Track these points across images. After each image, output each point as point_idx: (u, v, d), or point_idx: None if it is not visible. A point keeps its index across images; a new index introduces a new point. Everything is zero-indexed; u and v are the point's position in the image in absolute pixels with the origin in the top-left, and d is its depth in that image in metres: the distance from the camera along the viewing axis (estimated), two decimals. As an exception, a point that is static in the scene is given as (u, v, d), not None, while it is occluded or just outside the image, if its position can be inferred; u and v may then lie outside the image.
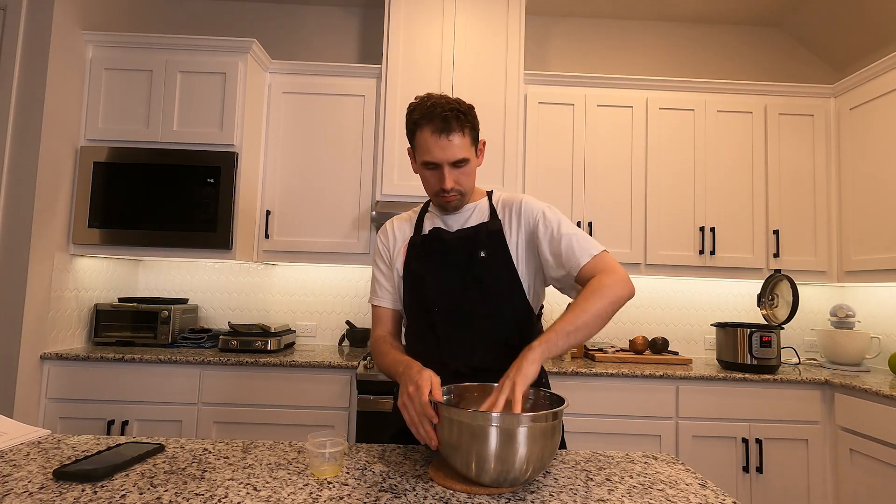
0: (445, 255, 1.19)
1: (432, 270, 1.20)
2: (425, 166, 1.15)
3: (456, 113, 1.10)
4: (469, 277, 1.17)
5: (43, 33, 2.17)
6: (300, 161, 2.61)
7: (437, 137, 1.10)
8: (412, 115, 1.15)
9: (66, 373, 2.17)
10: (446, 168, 1.12)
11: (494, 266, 1.17)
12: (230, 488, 0.84)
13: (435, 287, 1.18)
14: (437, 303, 1.18)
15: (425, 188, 1.19)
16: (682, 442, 2.21)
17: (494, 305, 1.17)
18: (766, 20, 3.04)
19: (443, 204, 1.19)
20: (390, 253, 1.27)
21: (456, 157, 1.11)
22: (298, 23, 3.03)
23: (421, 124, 1.12)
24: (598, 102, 2.64)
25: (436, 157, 1.11)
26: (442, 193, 1.15)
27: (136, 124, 2.40)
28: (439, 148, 1.10)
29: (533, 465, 0.82)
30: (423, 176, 1.17)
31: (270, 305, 2.84)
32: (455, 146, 1.11)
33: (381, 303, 1.27)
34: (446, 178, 1.12)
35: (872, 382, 2.11)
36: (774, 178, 2.63)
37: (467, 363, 1.14)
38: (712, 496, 0.87)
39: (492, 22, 2.60)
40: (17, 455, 0.97)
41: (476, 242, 1.18)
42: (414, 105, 1.16)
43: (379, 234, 1.32)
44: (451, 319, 1.17)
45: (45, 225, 2.19)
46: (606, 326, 2.84)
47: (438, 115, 1.10)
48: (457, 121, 1.10)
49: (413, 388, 0.93)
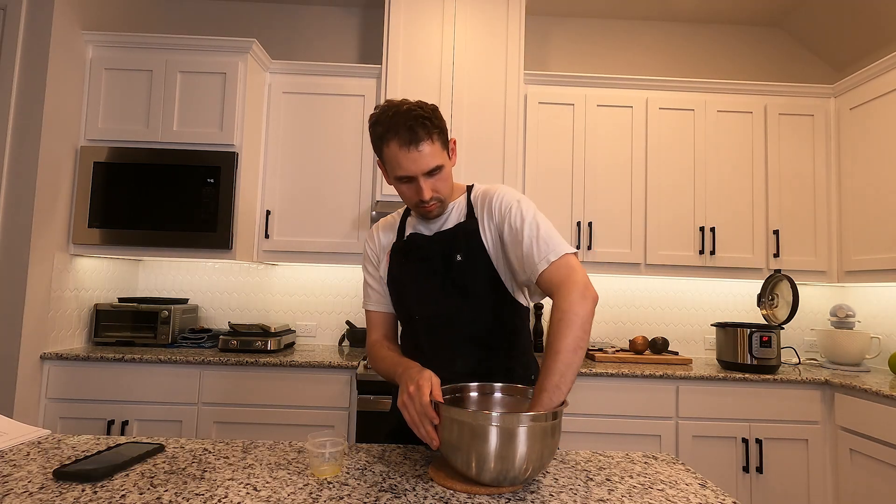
0: (424, 261, 1.16)
1: (413, 278, 1.17)
2: (399, 181, 1.10)
3: (421, 120, 1.04)
4: (448, 283, 1.14)
5: (43, 33, 2.17)
6: (300, 161, 2.61)
7: (406, 150, 1.04)
8: (375, 128, 1.08)
9: (66, 373, 2.17)
10: (421, 179, 1.07)
11: (472, 269, 1.13)
12: (230, 488, 0.84)
13: (416, 295, 1.17)
14: (418, 311, 1.16)
15: (404, 200, 1.15)
16: (682, 442, 2.21)
17: (477, 310, 1.14)
18: (766, 20, 3.04)
19: (424, 214, 1.15)
20: (377, 257, 1.26)
21: (429, 167, 1.06)
22: (298, 23, 3.03)
23: (386, 138, 1.06)
24: (598, 102, 2.64)
25: (408, 171, 1.06)
26: (421, 204, 1.11)
27: (136, 124, 2.40)
28: (410, 161, 1.05)
29: (533, 464, 0.83)
30: (398, 190, 1.12)
31: (270, 305, 2.84)
32: (426, 155, 1.05)
33: (373, 307, 1.26)
34: (423, 189, 1.08)
35: (872, 382, 2.11)
36: (774, 178, 2.63)
37: (452, 370, 1.08)
38: (712, 496, 0.87)
39: (492, 22, 2.60)
40: (17, 455, 0.97)
41: (453, 245, 1.14)
42: (375, 117, 1.09)
43: (366, 240, 1.30)
44: (434, 327, 1.15)
45: (45, 225, 2.19)
46: (606, 326, 2.86)
47: (403, 126, 1.03)
48: (423, 128, 1.04)
49: (413, 387, 0.92)
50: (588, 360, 2.48)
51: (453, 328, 1.15)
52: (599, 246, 2.57)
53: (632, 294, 2.89)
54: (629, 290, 2.89)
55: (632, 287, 2.89)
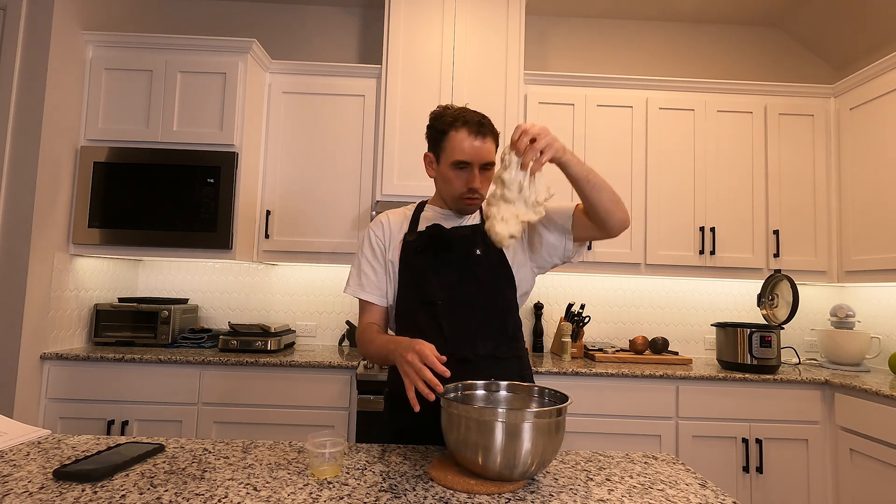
0: (444, 251, 1.23)
1: (432, 265, 1.22)
2: (456, 166, 1.18)
3: (487, 121, 1.18)
4: (466, 273, 1.22)
5: (43, 33, 2.17)
6: (300, 161, 2.61)
7: (473, 138, 1.15)
8: (443, 117, 1.19)
9: (66, 373, 2.17)
10: (477, 169, 1.17)
11: (489, 263, 1.22)
12: (230, 488, 0.84)
13: (437, 281, 1.21)
14: (440, 296, 1.21)
15: (447, 191, 1.22)
16: (682, 442, 2.21)
17: (490, 297, 1.23)
18: (766, 20, 3.04)
19: (464, 207, 1.22)
20: (385, 244, 1.28)
21: (487, 160, 1.17)
22: (298, 23, 3.03)
23: (456, 125, 1.16)
24: (598, 102, 2.64)
25: (470, 157, 1.15)
26: (468, 195, 1.19)
27: (136, 124, 2.40)
28: (475, 148, 1.15)
29: (537, 459, 0.85)
30: (448, 177, 1.20)
31: (270, 305, 2.84)
32: (487, 149, 1.17)
33: (370, 298, 1.28)
34: (476, 178, 1.17)
35: (872, 382, 2.11)
36: (774, 178, 2.63)
37: (473, 351, 1.18)
38: (712, 496, 0.87)
39: (492, 22, 2.60)
40: (17, 455, 0.97)
41: (472, 241, 1.23)
42: (440, 109, 1.21)
43: (372, 226, 1.31)
44: (455, 312, 1.21)
45: (45, 225, 2.19)
46: (606, 326, 2.86)
47: (474, 118, 1.16)
48: (489, 126, 1.18)
49: (412, 355, 0.95)
50: (588, 360, 2.48)
51: (472, 313, 1.21)
52: (599, 246, 2.57)
53: (632, 294, 2.89)
54: (629, 290, 2.89)
55: (632, 287, 2.89)
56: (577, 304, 2.81)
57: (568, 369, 2.23)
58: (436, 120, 1.21)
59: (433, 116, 1.22)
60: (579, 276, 2.87)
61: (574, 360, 2.51)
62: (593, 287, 2.88)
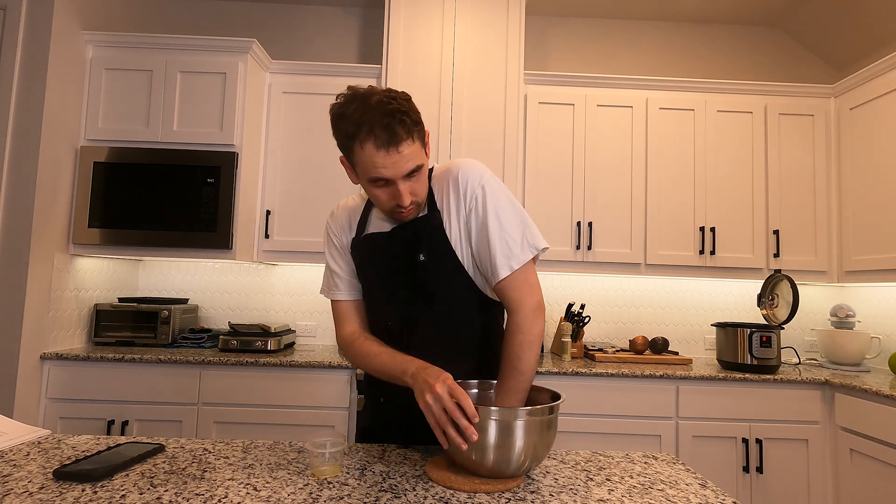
0: (386, 262, 1.06)
1: (378, 280, 1.09)
2: (373, 183, 0.96)
3: (399, 116, 0.90)
4: (414, 286, 1.04)
5: (43, 33, 2.17)
6: (300, 161, 2.61)
7: (384, 152, 0.91)
8: (342, 125, 0.93)
9: (66, 373, 2.17)
10: (400, 182, 0.95)
11: (437, 269, 1.03)
12: (230, 488, 0.84)
13: (385, 299, 1.08)
14: (391, 316, 1.08)
15: (376, 204, 1.02)
16: (682, 442, 2.21)
17: (445, 312, 1.05)
18: (766, 20, 3.04)
19: (400, 219, 1.03)
20: (341, 238, 1.14)
21: (409, 169, 0.94)
22: (298, 23, 3.03)
23: (359, 138, 0.91)
24: (598, 102, 2.64)
25: (387, 174, 0.93)
26: (398, 209, 0.99)
27: (136, 124, 2.40)
28: (389, 164, 0.92)
29: (530, 456, 0.87)
30: (370, 193, 0.99)
31: (270, 305, 2.84)
32: (406, 157, 0.92)
33: (340, 296, 1.14)
34: (402, 194, 0.95)
35: (872, 382, 2.11)
36: (774, 178, 2.63)
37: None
38: (712, 496, 0.87)
39: (492, 22, 2.60)
40: (17, 455, 0.97)
41: (415, 243, 1.03)
42: (339, 110, 0.94)
43: (329, 222, 1.16)
44: (413, 335, 1.06)
45: (45, 225, 2.19)
46: (606, 326, 2.86)
47: (379, 124, 0.89)
48: (402, 126, 0.90)
49: (441, 386, 0.85)
50: (588, 360, 2.48)
51: (423, 334, 1.06)
52: (599, 246, 2.57)
53: (632, 294, 2.89)
54: (629, 290, 2.89)
55: (632, 287, 2.89)
56: (577, 304, 2.81)
57: (568, 369, 2.23)
58: (336, 122, 0.94)
59: (332, 117, 0.95)
60: (579, 276, 2.87)
61: (574, 360, 2.51)
62: (593, 287, 2.88)
